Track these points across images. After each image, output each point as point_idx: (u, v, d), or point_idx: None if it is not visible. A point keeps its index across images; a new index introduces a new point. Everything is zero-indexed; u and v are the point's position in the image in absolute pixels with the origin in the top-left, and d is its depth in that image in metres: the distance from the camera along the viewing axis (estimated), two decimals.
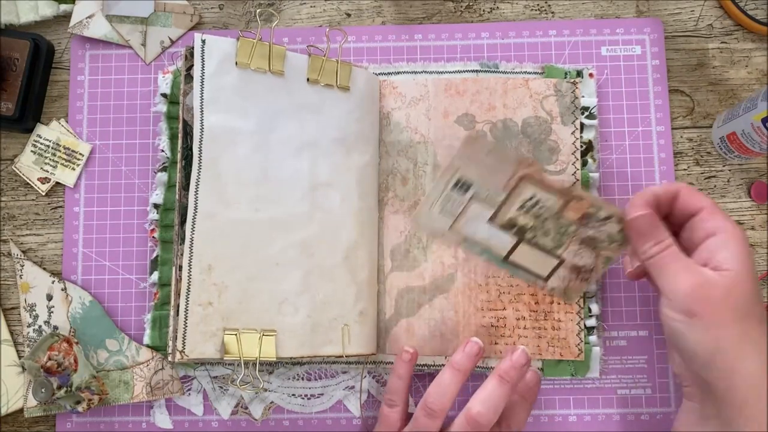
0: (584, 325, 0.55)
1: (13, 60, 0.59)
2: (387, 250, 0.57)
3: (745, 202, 0.59)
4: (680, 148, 0.60)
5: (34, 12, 0.61)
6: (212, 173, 0.51)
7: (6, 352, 0.58)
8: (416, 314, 0.56)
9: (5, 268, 0.60)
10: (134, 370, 0.57)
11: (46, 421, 0.58)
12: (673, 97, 0.60)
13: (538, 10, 0.62)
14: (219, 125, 0.51)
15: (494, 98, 0.58)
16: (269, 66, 0.53)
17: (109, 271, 0.59)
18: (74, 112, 0.61)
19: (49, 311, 0.58)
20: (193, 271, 0.49)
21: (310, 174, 0.53)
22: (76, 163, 0.60)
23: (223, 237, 0.50)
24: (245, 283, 0.50)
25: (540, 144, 0.57)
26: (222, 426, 0.57)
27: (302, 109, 0.54)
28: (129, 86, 0.61)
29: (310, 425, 0.57)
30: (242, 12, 0.63)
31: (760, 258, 0.58)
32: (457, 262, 0.56)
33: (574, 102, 0.58)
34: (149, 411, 0.57)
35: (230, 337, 0.49)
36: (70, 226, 0.59)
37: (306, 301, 0.52)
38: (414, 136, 0.58)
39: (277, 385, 0.57)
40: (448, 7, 0.62)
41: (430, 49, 0.61)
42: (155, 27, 0.61)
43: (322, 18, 0.62)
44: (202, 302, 0.49)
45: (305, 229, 0.52)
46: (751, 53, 0.61)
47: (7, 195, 0.60)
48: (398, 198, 0.58)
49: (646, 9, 0.61)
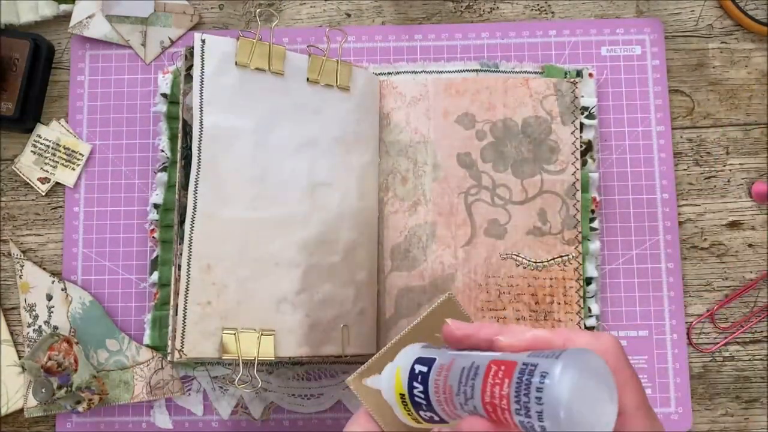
0: (584, 325, 0.55)
1: (13, 60, 0.59)
2: (387, 250, 0.57)
3: (746, 202, 0.59)
4: (680, 148, 0.60)
5: (34, 12, 0.61)
6: (211, 173, 0.51)
7: (6, 352, 0.58)
8: (416, 314, 0.56)
9: (5, 268, 0.60)
10: (134, 370, 0.57)
11: (46, 421, 0.58)
12: (673, 97, 0.60)
13: (538, 10, 0.62)
14: (218, 125, 0.51)
15: (494, 98, 0.58)
16: (269, 66, 0.53)
17: (109, 271, 0.59)
18: (74, 112, 0.61)
19: (49, 311, 0.58)
20: (192, 271, 0.49)
21: (310, 174, 0.53)
22: (76, 163, 0.60)
23: (222, 236, 0.50)
24: (244, 283, 0.50)
25: (540, 144, 0.57)
26: (222, 426, 0.57)
27: (302, 109, 0.54)
28: (129, 86, 0.61)
29: (310, 425, 0.57)
30: (242, 12, 0.63)
31: (760, 258, 0.58)
32: (457, 262, 0.56)
33: (574, 102, 0.58)
34: (149, 411, 0.57)
35: (229, 336, 0.49)
36: (70, 226, 0.59)
37: (305, 301, 0.52)
38: (414, 135, 0.58)
39: (277, 385, 0.57)
40: (448, 7, 0.62)
41: (430, 49, 0.61)
42: (155, 27, 0.61)
43: (322, 18, 0.62)
44: (200, 302, 0.49)
45: (304, 229, 0.52)
46: (751, 53, 0.60)
47: (7, 195, 0.60)
48: (398, 198, 0.58)
49: (646, 9, 0.61)
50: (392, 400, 0.36)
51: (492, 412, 0.29)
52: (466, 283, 0.56)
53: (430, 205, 0.57)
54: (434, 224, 0.57)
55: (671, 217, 0.58)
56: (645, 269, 0.58)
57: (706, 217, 0.59)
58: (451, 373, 0.32)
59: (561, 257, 0.56)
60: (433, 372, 0.33)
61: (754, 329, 0.58)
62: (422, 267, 0.56)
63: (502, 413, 0.29)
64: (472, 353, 0.32)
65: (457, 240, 0.56)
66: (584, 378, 0.27)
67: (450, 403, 0.32)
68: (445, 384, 0.32)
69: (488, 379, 0.30)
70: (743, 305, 0.58)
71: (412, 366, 0.34)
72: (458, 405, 0.31)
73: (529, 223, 0.56)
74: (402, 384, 0.35)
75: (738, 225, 0.59)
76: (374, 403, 0.40)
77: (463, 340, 0.34)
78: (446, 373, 0.32)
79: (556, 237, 0.56)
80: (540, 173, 0.57)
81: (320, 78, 0.55)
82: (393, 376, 0.36)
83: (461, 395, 0.31)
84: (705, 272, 0.58)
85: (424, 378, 0.33)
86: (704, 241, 0.59)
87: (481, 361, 0.31)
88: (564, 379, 0.27)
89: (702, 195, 0.59)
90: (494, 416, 0.29)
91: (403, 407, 0.35)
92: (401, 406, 0.35)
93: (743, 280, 0.58)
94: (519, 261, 0.56)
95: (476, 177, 0.57)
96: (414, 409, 0.34)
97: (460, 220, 0.57)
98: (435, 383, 0.32)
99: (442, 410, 0.32)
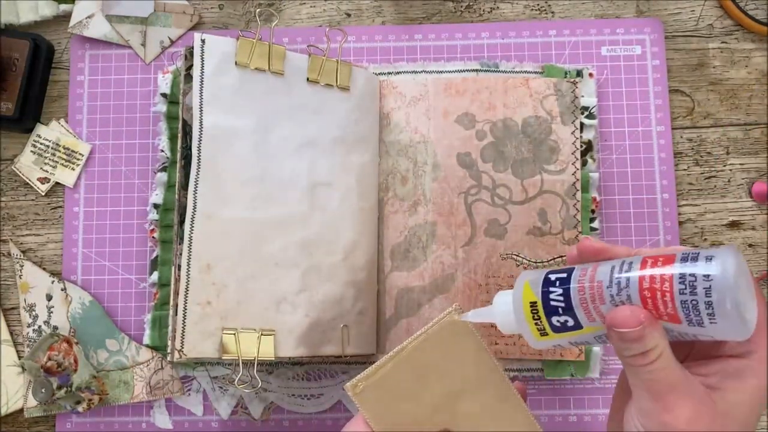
0: None
1: (13, 60, 0.59)
2: (387, 250, 0.57)
3: (746, 202, 0.59)
4: (680, 148, 0.60)
5: (34, 12, 0.61)
6: (211, 173, 0.51)
7: (6, 352, 0.58)
8: (416, 314, 0.56)
9: (5, 268, 0.60)
10: (134, 370, 0.57)
11: (46, 421, 0.58)
12: (673, 97, 0.60)
13: (538, 10, 0.62)
14: (218, 125, 0.51)
15: (494, 98, 0.58)
16: (269, 66, 0.53)
17: (109, 271, 0.59)
18: (74, 112, 0.61)
19: (48, 311, 0.58)
20: (192, 271, 0.49)
21: (310, 173, 0.53)
22: (76, 163, 0.60)
23: (222, 236, 0.50)
24: (244, 283, 0.50)
25: (540, 143, 0.57)
26: (222, 426, 0.57)
27: (302, 108, 0.54)
28: (129, 86, 0.61)
29: (310, 425, 0.57)
30: (242, 12, 0.63)
31: (760, 258, 0.58)
32: (457, 262, 0.56)
33: (574, 102, 0.58)
34: (149, 411, 0.57)
35: (229, 336, 0.49)
36: (70, 226, 0.59)
37: (305, 301, 0.52)
38: (414, 135, 0.58)
39: (277, 385, 0.57)
40: (448, 7, 0.62)
41: (430, 49, 0.61)
42: (155, 27, 0.61)
43: (322, 18, 0.62)
44: (200, 301, 0.49)
45: (304, 229, 0.52)
46: (751, 53, 0.60)
47: (7, 195, 0.60)
48: (398, 198, 0.58)
49: (646, 9, 0.61)
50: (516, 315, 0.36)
51: (649, 298, 0.31)
52: (466, 283, 0.56)
53: (430, 205, 0.57)
54: (434, 224, 0.57)
55: (671, 217, 0.58)
56: None
57: (707, 217, 0.59)
58: (598, 270, 0.34)
59: (561, 257, 0.56)
60: (575, 274, 0.34)
61: None
62: (422, 267, 0.56)
63: (662, 296, 0.31)
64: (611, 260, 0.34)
65: (457, 240, 0.56)
66: (742, 267, 0.31)
67: (599, 297, 0.33)
68: (592, 281, 0.33)
69: (646, 268, 0.32)
70: None
71: (546, 275, 0.36)
72: (608, 298, 0.32)
73: (529, 223, 0.56)
74: (533, 292, 0.35)
75: (738, 225, 0.59)
76: (371, 410, 0.40)
77: (599, 254, 0.36)
78: (592, 273, 0.34)
79: (556, 237, 0.56)
80: (540, 173, 0.57)
81: (320, 78, 0.55)
82: (520, 287, 0.36)
83: (614, 287, 0.32)
84: None
85: (563, 281, 0.35)
86: (704, 241, 0.59)
87: (632, 259, 0.33)
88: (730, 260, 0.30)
89: (702, 195, 0.59)
90: (650, 303, 0.31)
91: (531, 317, 0.35)
92: (528, 316, 0.36)
93: None
94: (519, 261, 0.56)
95: (476, 177, 0.57)
96: (546, 317, 0.35)
97: (460, 220, 0.57)
98: (579, 282, 0.34)
99: (585, 309, 0.34)
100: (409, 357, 0.41)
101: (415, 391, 0.41)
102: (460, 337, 0.41)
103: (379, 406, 0.40)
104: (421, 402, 0.41)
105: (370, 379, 0.41)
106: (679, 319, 0.31)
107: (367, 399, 0.40)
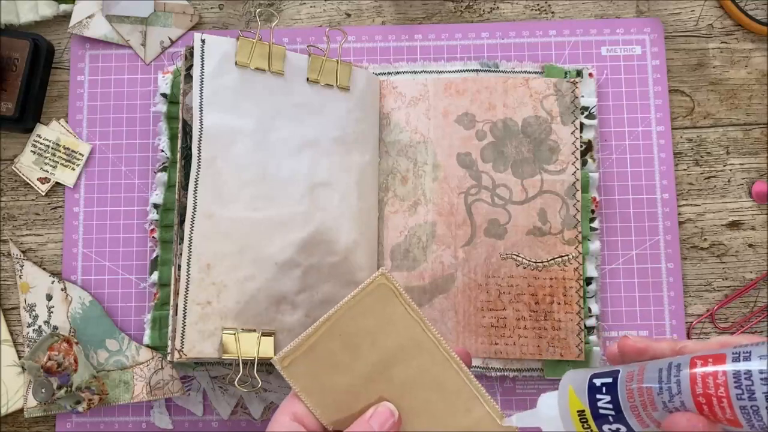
0: (584, 325, 0.55)
1: (13, 60, 0.59)
2: (387, 250, 0.57)
3: (746, 202, 0.59)
4: (680, 148, 0.60)
5: (34, 12, 0.61)
6: (211, 172, 0.51)
7: (6, 352, 0.58)
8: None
9: (5, 268, 0.60)
10: (134, 370, 0.57)
11: (46, 421, 0.58)
12: (673, 97, 0.60)
13: (538, 10, 0.62)
14: (218, 125, 0.51)
15: (494, 98, 0.58)
16: (269, 66, 0.53)
17: (109, 271, 0.59)
18: (74, 112, 0.61)
19: (49, 311, 0.58)
20: (192, 270, 0.49)
21: (310, 173, 0.53)
22: (76, 163, 0.60)
23: (222, 236, 0.50)
24: (244, 283, 0.50)
25: (540, 143, 0.57)
26: (222, 426, 0.57)
27: (302, 108, 0.54)
28: (129, 86, 0.61)
29: None
30: (242, 12, 0.63)
31: (760, 258, 0.58)
32: (457, 262, 0.56)
33: (574, 102, 0.58)
34: (149, 411, 0.57)
35: (229, 336, 0.49)
36: (70, 226, 0.59)
37: (305, 301, 0.52)
38: (414, 135, 0.58)
39: (277, 385, 0.57)
40: (448, 7, 0.62)
41: (430, 49, 0.61)
42: (155, 27, 0.61)
43: (322, 18, 0.62)
44: (200, 301, 0.49)
45: (304, 229, 0.52)
46: (751, 53, 0.60)
47: (7, 195, 0.60)
48: (398, 198, 0.58)
49: (646, 9, 0.61)
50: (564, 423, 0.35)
51: (705, 404, 0.30)
52: (466, 283, 0.56)
53: (430, 205, 0.57)
54: (434, 224, 0.57)
55: (671, 217, 0.58)
56: (645, 269, 0.58)
57: (706, 217, 0.59)
58: (645, 375, 0.32)
59: (561, 257, 0.56)
60: (621, 379, 0.33)
61: (754, 329, 0.58)
62: (422, 267, 0.56)
63: (718, 402, 0.29)
64: (657, 360, 0.33)
65: (457, 240, 0.56)
66: None
67: (651, 404, 0.31)
68: (641, 387, 0.32)
69: (696, 370, 0.30)
70: (743, 305, 0.58)
71: (590, 381, 0.34)
72: (660, 405, 0.31)
73: (529, 223, 0.56)
74: (579, 400, 0.34)
75: (738, 225, 0.59)
76: (302, 384, 0.38)
77: (643, 352, 0.35)
78: (639, 377, 0.32)
79: (556, 237, 0.56)
80: (540, 173, 0.57)
81: (320, 78, 0.55)
82: (565, 394, 0.35)
83: (665, 393, 0.31)
84: (705, 272, 0.58)
85: (610, 388, 0.33)
86: (704, 241, 0.59)
87: (680, 360, 0.31)
88: None
89: (702, 195, 0.59)
90: (707, 408, 0.30)
91: (580, 425, 0.34)
92: (578, 425, 0.34)
93: (743, 280, 0.58)
94: (519, 261, 0.56)
95: (476, 177, 0.57)
96: (597, 424, 0.33)
97: (460, 220, 0.57)
98: (627, 389, 0.32)
99: (636, 416, 0.32)
100: (338, 325, 0.39)
101: (346, 360, 0.39)
102: (388, 302, 0.39)
103: (310, 379, 0.38)
104: (354, 372, 0.39)
105: (299, 350, 0.38)
106: (740, 423, 0.29)
107: (296, 372, 0.38)
